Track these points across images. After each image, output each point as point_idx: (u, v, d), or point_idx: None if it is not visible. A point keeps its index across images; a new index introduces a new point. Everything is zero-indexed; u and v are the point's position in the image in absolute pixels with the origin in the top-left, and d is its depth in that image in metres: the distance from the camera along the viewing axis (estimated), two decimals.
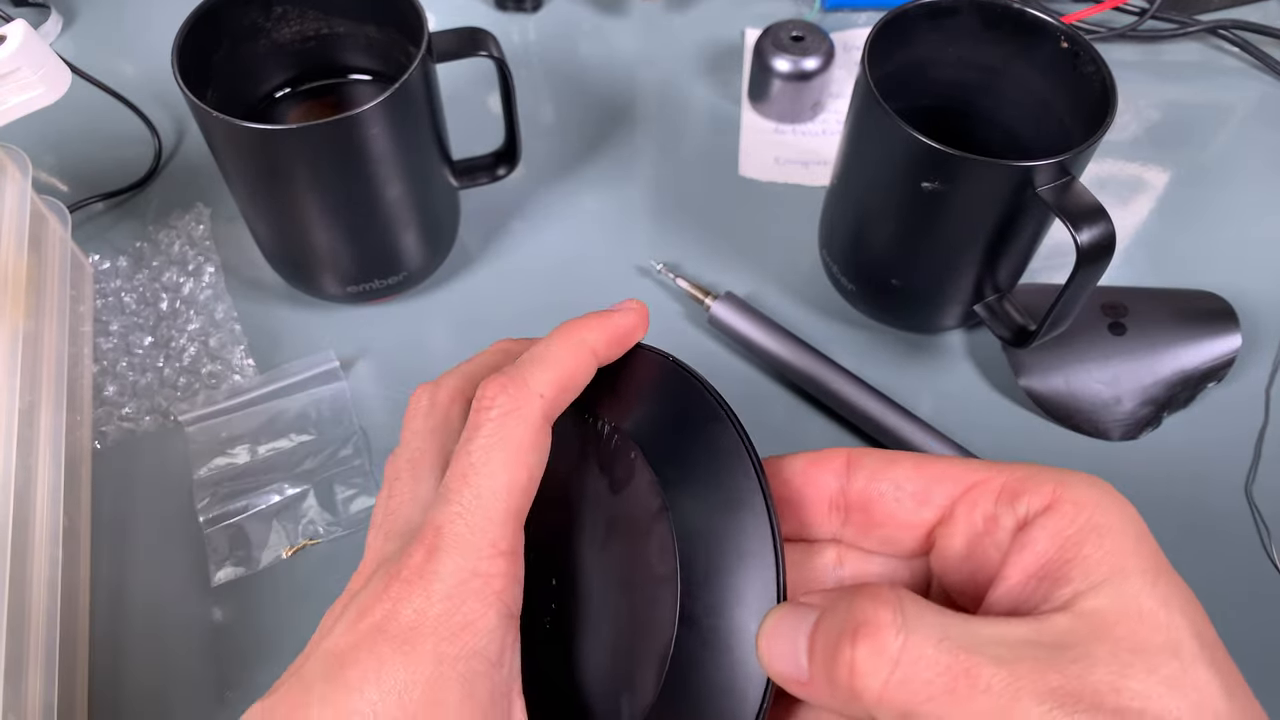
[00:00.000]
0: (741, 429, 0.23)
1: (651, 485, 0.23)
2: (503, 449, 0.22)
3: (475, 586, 0.21)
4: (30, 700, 0.31)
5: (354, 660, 0.21)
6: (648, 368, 0.25)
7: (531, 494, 0.23)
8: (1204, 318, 0.45)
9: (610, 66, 0.58)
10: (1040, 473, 0.21)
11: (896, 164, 0.38)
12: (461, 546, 0.21)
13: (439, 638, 0.20)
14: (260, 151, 0.38)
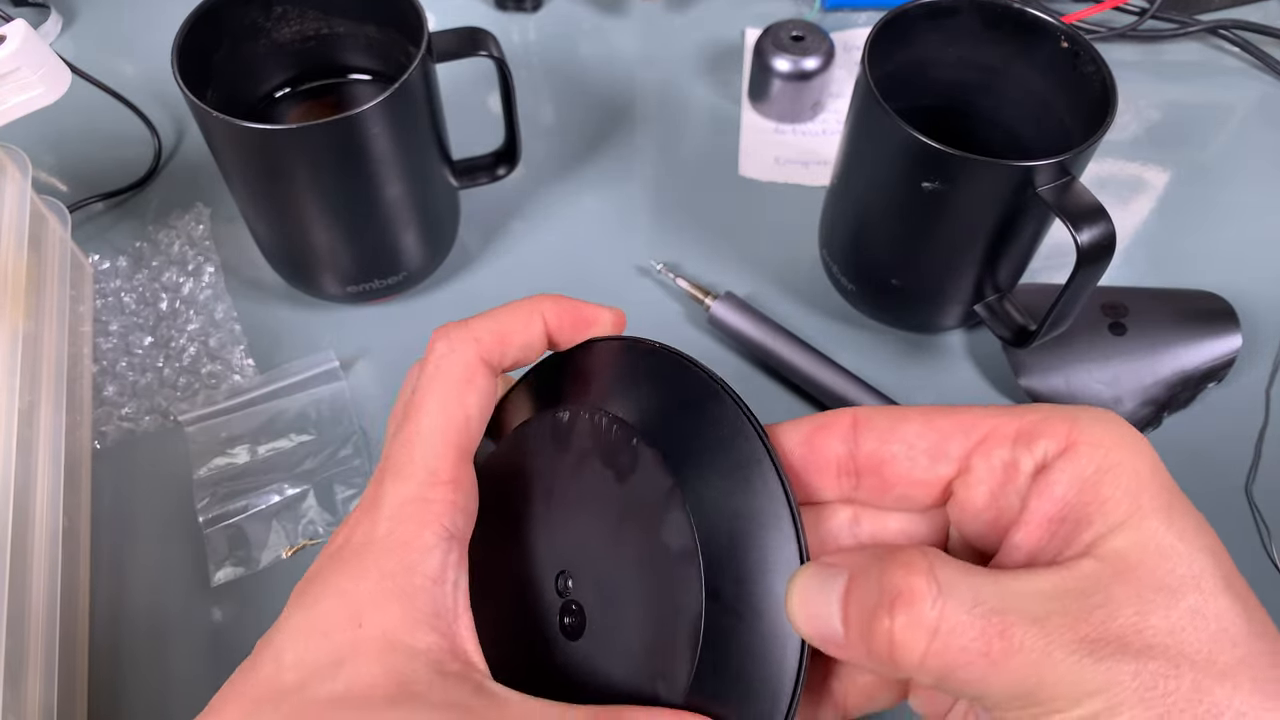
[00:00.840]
0: (739, 400, 0.23)
1: (658, 467, 0.23)
2: (440, 388, 0.24)
3: (413, 510, 0.23)
4: (30, 701, 0.31)
5: (314, 578, 0.23)
6: (636, 357, 0.26)
7: (472, 430, 0.24)
8: (1204, 318, 0.45)
9: (610, 66, 0.58)
10: (1054, 413, 0.20)
11: (896, 164, 0.38)
12: (403, 475, 0.23)
13: (379, 554, 0.22)
14: (260, 151, 0.38)
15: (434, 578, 0.23)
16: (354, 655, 0.22)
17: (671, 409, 0.24)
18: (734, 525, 0.22)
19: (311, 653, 0.22)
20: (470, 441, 0.24)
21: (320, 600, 0.23)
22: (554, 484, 0.25)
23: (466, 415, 0.24)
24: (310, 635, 0.23)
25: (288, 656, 0.23)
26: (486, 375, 0.25)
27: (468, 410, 0.24)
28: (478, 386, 0.25)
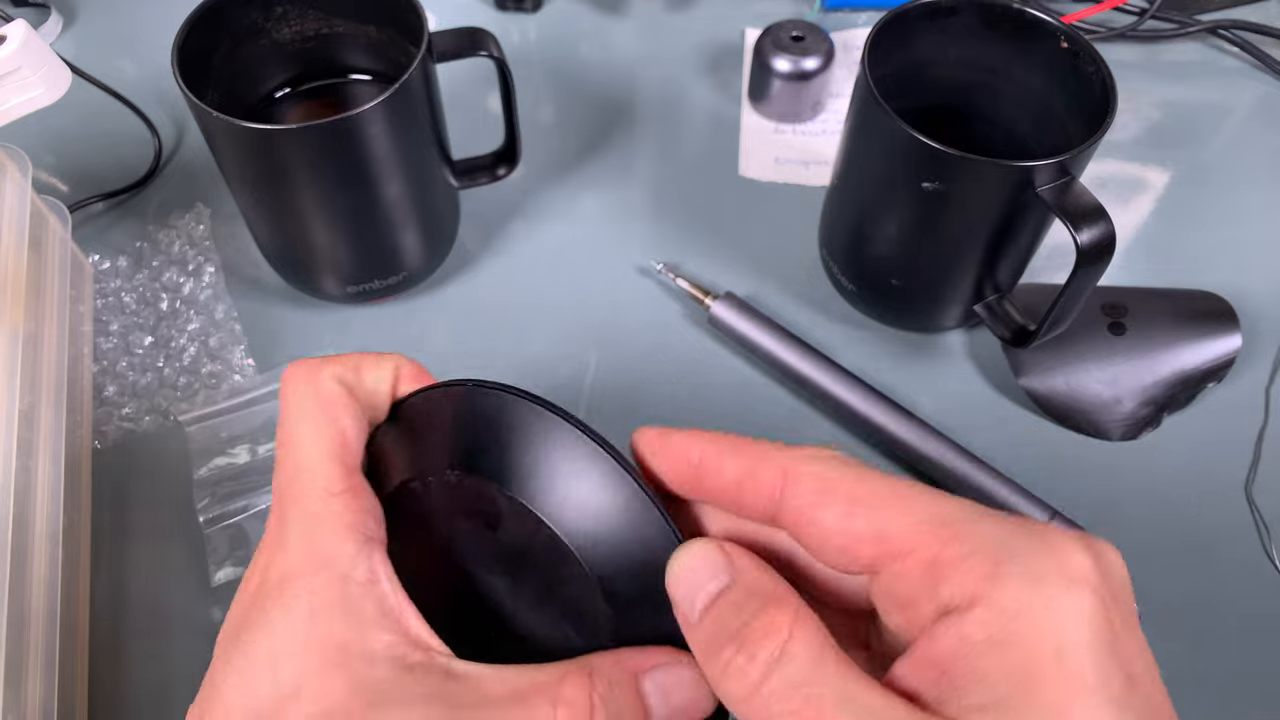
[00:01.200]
0: (551, 406, 0.23)
1: (511, 502, 0.24)
2: (309, 412, 0.25)
3: (322, 527, 0.23)
4: (30, 701, 0.31)
5: (241, 625, 0.23)
6: (452, 403, 0.26)
7: (351, 443, 0.25)
8: (1204, 318, 0.45)
9: (610, 66, 0.58)
10: (979, 551, 0.18)
11: (896, 164, 0.38)
12: (299, 501, 0.24)
13: (304, 578, 0.23)
14: (260, 151, 0.38)
15: (367, 581, 0.23)
16: (311, 677, 0.22)
17: (499, 439, 0.24)
18: (601, 529, 0.23)
19: (263, 691, 0.22)
20: (352, 455, 0.25)
21: (256, 642, 0.22)
22: (435, 550, 0.26)
23: (340, 430, 0.25)
24: (256, 678, 0.22)
25: (236, 701, 0.22)
26: (346, 394, 0.25)
27: (340, 425, 0.25)
28: (343, 403, 0.25)
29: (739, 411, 0.44)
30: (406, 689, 0.22)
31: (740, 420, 0.43)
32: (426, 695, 0.22)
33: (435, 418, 0.26)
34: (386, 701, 0.22)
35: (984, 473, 0.40)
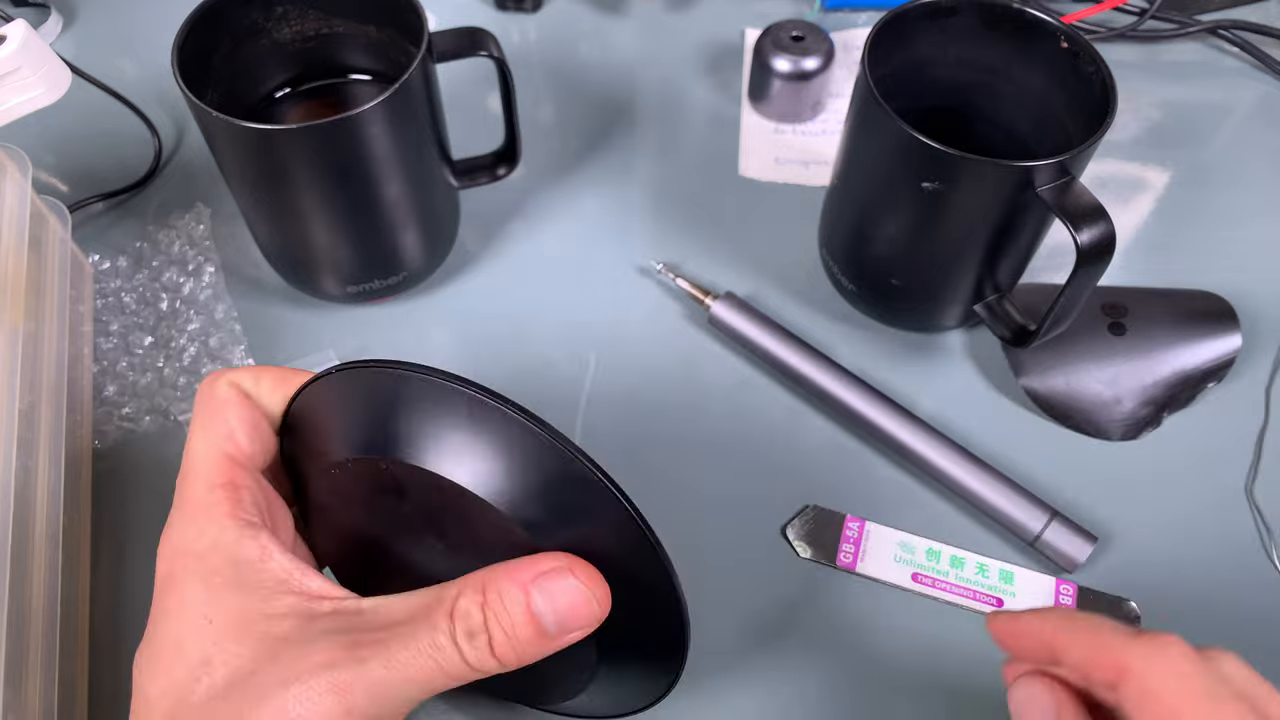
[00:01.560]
0: (405, 365, 0.25)
1: (402, 467, 0.25)
2: (199, 416, 0.27)
3: (205, 517, 0.25)
4: (30, 701, 0.31)
5: (151, 619, 0.25)
6: (325, 398, 0.27)
7: (240, 440, 0.26)
8: (1204, 318, 0.45)
9: (610, 66, 0.58)
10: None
11: (896, 164, 0.38)
12: (185, 497, 0.26)
13: (193, 563, 0.25)
14: (260, 151, 0.38)
15: (258, 560, 0.24)
16: (217, 647, 0.23)
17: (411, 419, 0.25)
18: (536, 490, 0.24)
19: (177, 673, 0.23)
20: (239, 450, 0.26)
21: (160, 633, 0.24)
22: (378, 538, 0.28)
23: (228, 430, 0.26)
24: (167, 663, 0.24)
25: (153, 690, 0.24)
26: (238, 394, 0.27)
27: (228, 425, 0.27)
28: (232, 403, 0.27)
29: (739, 411, 0.44)
30: (311, 632, 0.23)
31: (740, 420, 0.43)
32: (333, 630, 0.23)
33: (319, 409, 0.27)
34: (293, 645, 0.23)
35: (984, 473, 0.40)
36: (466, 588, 0.24)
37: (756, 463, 0.42)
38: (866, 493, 0.41)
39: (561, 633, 0.24)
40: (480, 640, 0.23)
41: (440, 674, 0.23)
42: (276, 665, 0.23)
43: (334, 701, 0.22)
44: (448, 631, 0.23)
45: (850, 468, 0.42)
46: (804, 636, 0.37)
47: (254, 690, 0.22)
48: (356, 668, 0.22)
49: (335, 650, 0.23)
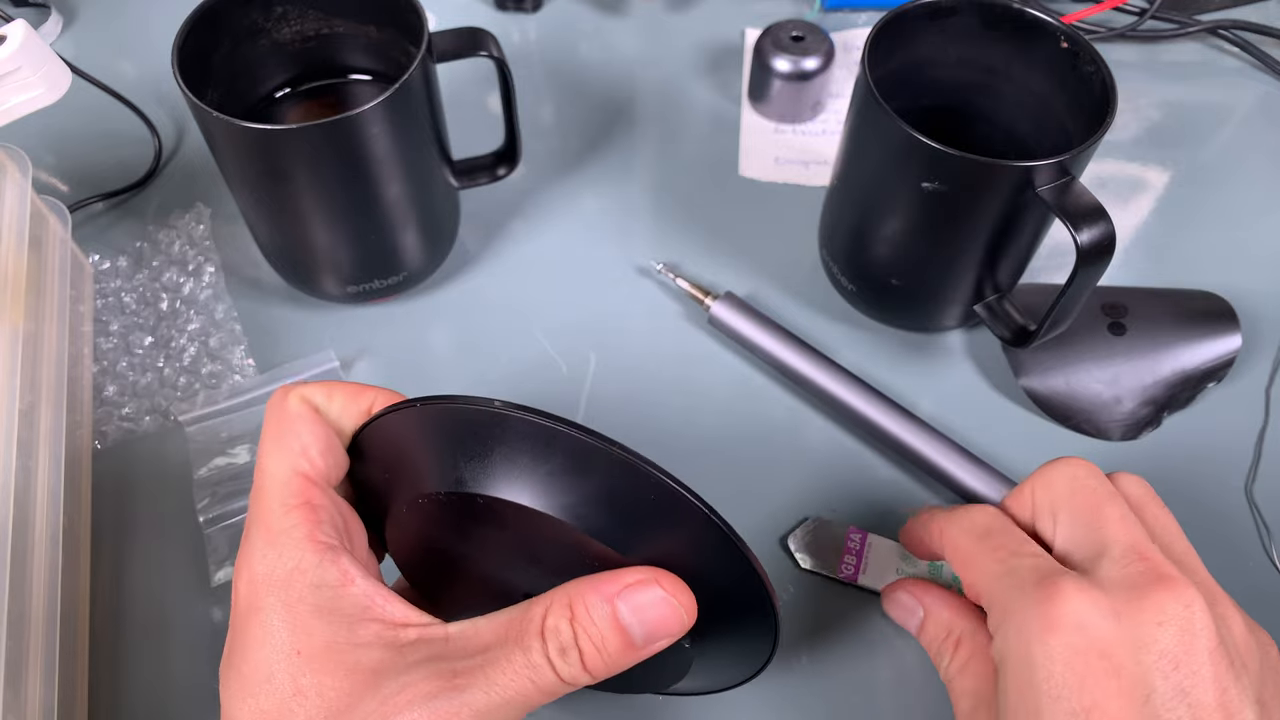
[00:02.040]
0: (521, 408, 0.25)
1: (539, 515, 0.25)
2: (271, 433, 0.27)
3: (284, 542, 0.25)
4: (30, 701, 0.31)
5: (234, 647, 0.25)
6: (405, 425, 0.27)
7: (313, 457, 0.26)
8: (1204, 318, 0.45)
9: (610, 66, 0.58)
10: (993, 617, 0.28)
11: (896, 164, 0.38)
12: (261, 519, 0.25)
13: (276, 592, 0.24)
14: (260, 151, 0.38)
15: (339, 584, 0.24)
16: (308, 677, 0.23)
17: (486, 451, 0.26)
18: (617, 513, 0.25)
19: (265, 699, 0.23)
20: (315, 467, 0.26)
21: (248, 661, 0.24)
22: (465, 572, 0.29)
23: (302, 446, 0.26)
24: (254, 688, 0.24)
25: (244, 715, 0.24)
26: (310, 410, 0.27)
27: (302, 442, 0.26)
28: (305, 419, 0.27)
29: (739, 411, 0.44)
30: (404, 661, 0.23)
31: (740, 420, 0.43)
32: (426, 659, 0.23)
33: (406, 438, 0.27)
34: (388, 677, 0.23)
35: (984, 473, 0.40)
36: (554, 605, 0.24)
37: (756, 463, 0.42)
38: (867, 495, 0.41)
39: (649, 642, 0.25)
40: (572, 656, 0.24)
41: (537, 692, 0.24)
42: (375, 698, 0.23)
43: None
44: (540, 651, 0.24)
45: (850, 468, 0.42)
46: (806, 648, 0.37)
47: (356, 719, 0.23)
48: (458, 696, 0.23)
49: (434, 680, 0.23)
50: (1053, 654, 0.24)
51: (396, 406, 0.27)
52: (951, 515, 0.31)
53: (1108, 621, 0.25)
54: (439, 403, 0.25)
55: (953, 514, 0.32)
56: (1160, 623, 0.25)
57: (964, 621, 0.30)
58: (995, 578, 0.28)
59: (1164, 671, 0.24)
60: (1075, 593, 0.25)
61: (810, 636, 0.38)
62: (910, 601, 0.33)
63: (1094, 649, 0.24)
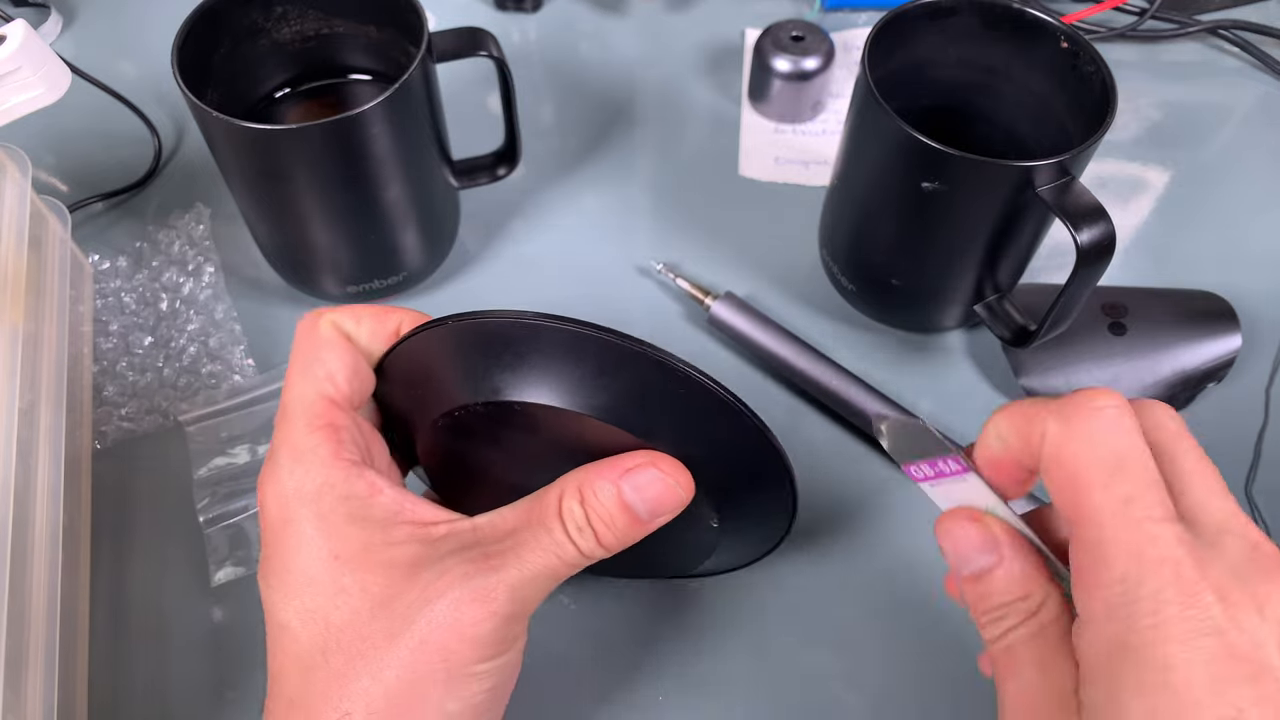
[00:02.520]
0: (552, 317, 0.27)
1: (555, 412, 0.27)
2: (298, 358, 0.28)
3: (311, 460, 0.26)
4: (30, 701, 0.31)
5: (270, 557, 0.26)
6: (438, 343, 0.28)
7: (339, 381, 0.27)
8: (1204, 318, 0.45)
9: (610, 66, 0.58)
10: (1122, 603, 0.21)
11: (896, 164, 0.38)
12: (287, 438, 0.27)
13: (307, 504, 0.26)
14: (260, 151, 0.38)
15: (368, 495, 0.26)
16: (347, 576, 0.25)
17: (504, 360, 0.27)
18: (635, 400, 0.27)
19: (310, 598, 0.25)
20: (339, 391, 0.27)
21: (288, 569, 0.26)
22: (496, 474, 0.30)
23: (328, 372, 0.27)
24: (297, 589, 0.26)
25: (288, 615, 0.26)
26: (339, 336, 0.28)
27: (328, 368, 0.27)
28: (333, 344, 0.28)
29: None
30: (437, 553, 0.26)
31: None
32: (458, 548, 0.26)
33: (438, 356, 0.28)
34: (424, 568, 0.25)
35: None
36: (566, 490, 0.27)
37: None
38: (867, 493, 0.41)
39: (653, 517, 0.27)
40: (587, 533, 0.27)
41: (562, 565, 0.26)
42: (415, 586, 0.25)
43: (479, 607, 0.25)
44: (562, 529, 0.26)
45: (850, 468, 0.42)
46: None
47: (400, 610, 0.25)
48: (494, 574, 0.25)
49: (470, 564, 0.25)
50: (1195, 657, 0.20)
51: (429, 325, 0.28)
52: (1070, 426, 0.23)
53: (1252, 618, 0.21)
54: (473, 318, 0.27)
55: (1071, 423, 0.23)
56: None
57: (1048, 588, 0.25)
58: (1133, 552, 0.21)
59: None
60: (1220, 585, 0.21)
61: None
62: (985, 540, 0.25)
63: (1235, 649, 0.21)
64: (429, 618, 0.25)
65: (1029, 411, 0.24)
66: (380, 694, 0.25)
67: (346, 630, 0.25)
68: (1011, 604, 0.24)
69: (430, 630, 0.25)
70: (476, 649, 0.25)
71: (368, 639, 0.25)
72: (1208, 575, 0.21)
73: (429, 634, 0.25)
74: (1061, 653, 0.23)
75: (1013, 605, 0.24)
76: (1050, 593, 0.24)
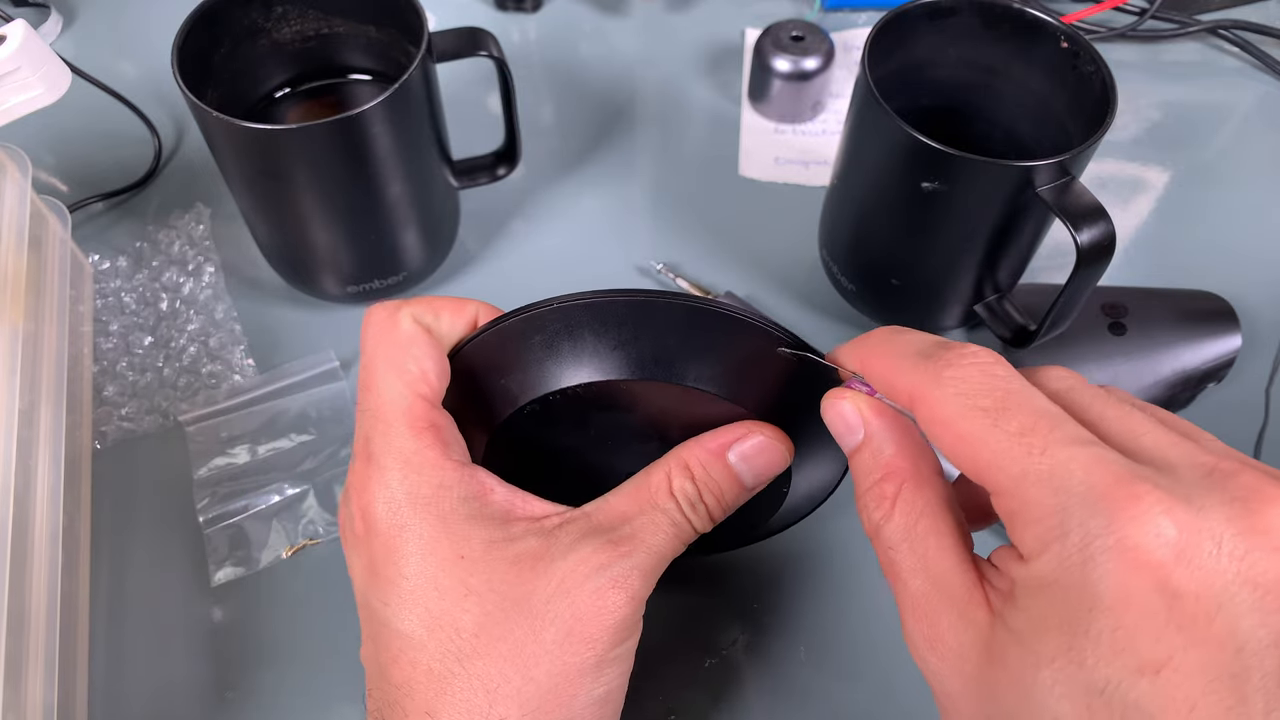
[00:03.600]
0: (583, 297, 0.27)
1: (633, 385, 0.27)
2: (386, 353, 0.27)
3: (420, 463, 0.26)
4: (30, 701, 0.31)
5: (383, 563, 0.26)
6: (509, 335, 0.28)
7: (431, 380, 0.27)
8: (1204, 318, 0.45)
9: (610, 66, 0.58)
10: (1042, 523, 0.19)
11: (896, 164, 0.38)
12: (390, 444, 0.26)
13: (421, 507, 0.25)
14: (260, 151, 0.38)
15: (481, 495, 0.26)
16: (472, 575, 0.25)
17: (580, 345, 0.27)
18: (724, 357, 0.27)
19: (435, 603, 0.25)
20: (432, 389, 0.27)
21: (404, 575, 0.25)
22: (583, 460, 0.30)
23: (421, 370, 0.27)
24: (421, 595, 0.25)
25: (409, 624, 0.25)
26: (423, 332, 0.27)
27: (421, 365, 0.27)
28: (420, 341, 0.27)
29: None
30: (561, 544, 0.25)
31: None
32: (581, 537, 0.26)
33: (511, 351, 0.28)
34: (553, 560, 0.25)
35: None
36: (674, 469, 0.27)
37: None
38: None
39: (758, 482, 0.28)
40: (700, 508, 0.27)
41: (679, 544, 0.27)
42: (547, 579, 0.25)
43: (618, 593, 0.25)
44: (676, 508, 0.27)
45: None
46: None
47: (538, 607, 0.25)
48: (627, 560, 0.25)
49: (603, 552, 0.25)
50: (1131, 594, 0.18)
51: (517, 312, 0.27)
52: (941, 387, 0.22)
53: (1204, 551, 0.18)
54: (564, 302, 0.27)
55: (942, 384, 0.22)
56: (1276, 548, 0.18)
57: (910, 469, 0.23)
58: (1029, 481, 0.19)
59: (1267, 610, 0.18)
60: (1165, 509, 0.18)
61: None
62: (852, 416, 0.24)
63: (1176, 585, 0.18)
64: (572, 609, 0.25)
65: (891, 378, 0.24)
66: (534, 693, 0.24)
67: (483, 634, 0.24)
68: (876, 486, 0.23)
69: (575, 622, 0.25)
70: (618, 633, 0.25)
71: (508, 639, 0.24)
72: (1144, 503, 0.18)
73: (574, 625, 0.25)
74: (945, 553, 0.22)
75: (877, 489, 0.23)
76: (926, 484, 0.23)
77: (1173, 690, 0.17)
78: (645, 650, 0.27)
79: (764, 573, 0.39)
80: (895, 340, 0.24)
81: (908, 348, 0.23)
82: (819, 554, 0.39)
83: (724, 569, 0.39)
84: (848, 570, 0.39)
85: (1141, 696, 0.17)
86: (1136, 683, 0.18)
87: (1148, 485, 0.18)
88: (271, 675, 0.37)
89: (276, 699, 0.36)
